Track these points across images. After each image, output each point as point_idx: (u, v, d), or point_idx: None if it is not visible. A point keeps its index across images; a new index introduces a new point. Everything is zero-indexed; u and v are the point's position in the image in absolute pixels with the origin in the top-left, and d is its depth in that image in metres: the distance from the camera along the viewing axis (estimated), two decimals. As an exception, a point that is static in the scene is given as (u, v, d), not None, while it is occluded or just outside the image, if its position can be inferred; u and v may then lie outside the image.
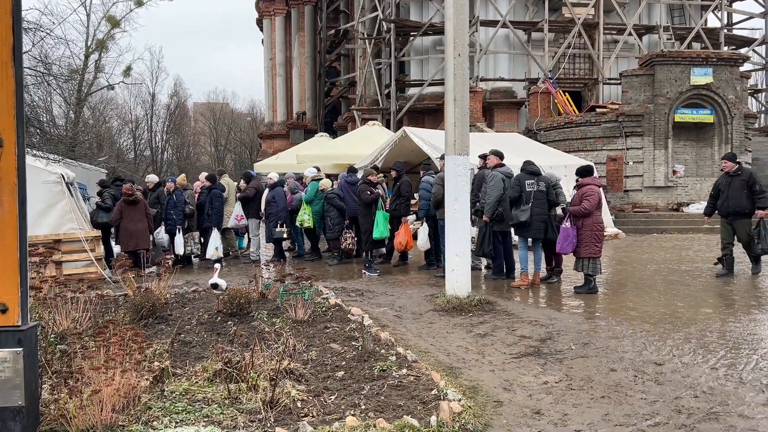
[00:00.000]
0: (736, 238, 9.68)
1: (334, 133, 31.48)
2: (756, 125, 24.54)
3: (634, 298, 8.05)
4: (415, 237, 14.17)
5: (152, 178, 13.33)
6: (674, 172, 19.81)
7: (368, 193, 10.38)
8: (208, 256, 11.88)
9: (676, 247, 13.88)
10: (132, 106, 49.01)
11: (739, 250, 9.97)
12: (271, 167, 18.38)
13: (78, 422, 3.72)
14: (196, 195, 12.48)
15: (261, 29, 46.45)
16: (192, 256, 12.29)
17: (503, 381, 4.86)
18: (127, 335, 4.11)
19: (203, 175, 13.18)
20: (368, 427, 3.69)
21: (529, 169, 8.77)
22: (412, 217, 11.11)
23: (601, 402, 4.38)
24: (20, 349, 3.48)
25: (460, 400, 4.17)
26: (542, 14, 25.92)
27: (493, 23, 25.71)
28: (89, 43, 28.18)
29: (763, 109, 28.86)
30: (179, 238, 11.90)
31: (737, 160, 9.95)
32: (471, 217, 8.42)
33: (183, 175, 13.72)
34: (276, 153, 32.85)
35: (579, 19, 25.69)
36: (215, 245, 11.85)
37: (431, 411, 3.96)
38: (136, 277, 8.08)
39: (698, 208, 18.52)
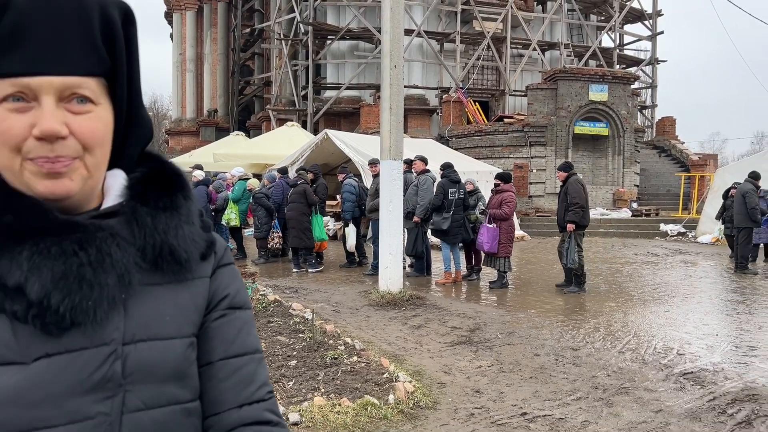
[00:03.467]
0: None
1: (247, 132, 31.25)
2: (644, 139, 26.79)
3: (546, 293, 8.87)
4: (335, 237, 14.57)
5: None
6: (573, 180, 21.32)
7: (314, 196, 10.67)
8: None
9: (577, 249, 15.07)
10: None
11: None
12: (184, 165, 18.14)
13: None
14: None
15: (170, 23, 45.16)
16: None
17: (443, 366, 5.37)
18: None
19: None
20: (334, 406, 4.08)
21: (453, 178, 9.41)
22: (328, 218, 11.34)
23: (530, 382, 4.99)
24: None
25: (410, 382, 4.64)
26: (454, 26, 27.07)
27: (408, 32, 26.52)
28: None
29: (649, 124, 31.50)
30: None
31: (571, 170, 8.99)
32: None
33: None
34: (185, 150, 32.15)
35: (488, 32, 27.06)
36: None
37: (387, 391, 4.40)
38: None
39: (594, 213, 20.09)
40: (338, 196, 14.86)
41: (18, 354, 0.75)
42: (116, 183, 0.89)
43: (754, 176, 11.40)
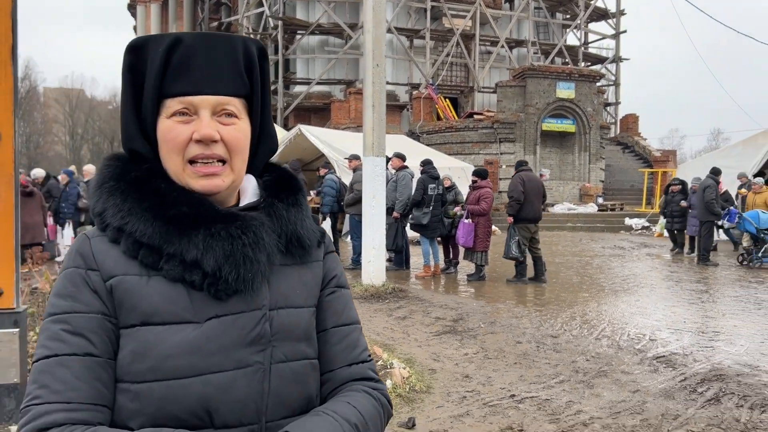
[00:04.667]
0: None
1: (216, 127, 31.00)
2: (609, 135, 27.51)
3: (521, 285, 9.20)
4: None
5: (39, 173, 12.81)
6: (541, 175, 21.81)
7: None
8: None
9: (546, 242, 15.49)
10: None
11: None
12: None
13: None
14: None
15: (133, 15, 44.39)
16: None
17: (431, 354, 5.63)
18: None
19: (88, 167, 12.86)
20: (336, 391, 4.28)
21: (432, 174, 9.67)
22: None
23: (515, 367, 5.27)
24: (17, 329, 3.71)
25: (404, 368, 4.88)
26: (424, 23, 27.36)
27: (378, 28, 26.72)
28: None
29: (613, 120, 32.33)
30: (68, 232, 11.65)
31: (521, 167, 9.74)
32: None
33: (73, 166, 13.31)
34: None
35: (457, 29, 27.42)
36: None
37: (383, 377, 4.62)
38: (38, 271, 7.98)
39: (562, 208, 20.65)
40: (312, 192, 15.01)
41: (194, 315, 0.97)
42: (250, 185, 1.14)
43: (715, 172, 11.95)
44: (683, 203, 12.80)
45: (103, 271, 0.97)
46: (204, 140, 0.99)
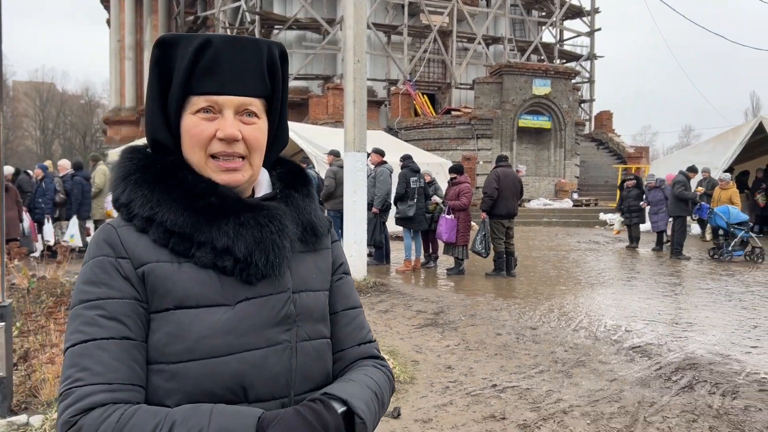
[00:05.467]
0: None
1: (192, 123, 30.70)
2: (583, 132, 27.90)
3: (499, 278, 9.34)
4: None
5: (8, 170, 12.60)
6: (518, 171, 22.06)
7: None
8: (62, 243, 11.59)
9: (523, 237, 15.73)
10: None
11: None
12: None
13: (47, 393, 3.98)
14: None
15: (106, 8, 43.72)
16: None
17: (414, 346, 5.71)
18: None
19: (63, 162, 12.69)
20: (322, 383, 4.34)
21: (413, 167, 9.77)
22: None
23: (496, 358, 5.38)
24: (2, 324, 3.70)
25: (388, 360, 4.95)
26: (401, 19, 27.39)
27: (356, 23, 26.69)
28: None
29: (587, 117, 32.77)
30: (48, 227, 11.52)
31: (500, 163, 9.79)
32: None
33: (49, 161, 13.13)
34: (125, 140, 31.38)
35: (435, 26, 27.52)
36: (71, 233, 11.65)
37: (368, 369, 4.70)
38: (15, 267, 7.89)
39: (537, 203, 20.91)
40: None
41: (225, 298, 1.04)
42: (263, 178, 1.20)
43: (690, 170, 12.25)
44: (642, 204, 13.06)
45: (134, 258, 1.02)
46: (227, 139, 1.05)
